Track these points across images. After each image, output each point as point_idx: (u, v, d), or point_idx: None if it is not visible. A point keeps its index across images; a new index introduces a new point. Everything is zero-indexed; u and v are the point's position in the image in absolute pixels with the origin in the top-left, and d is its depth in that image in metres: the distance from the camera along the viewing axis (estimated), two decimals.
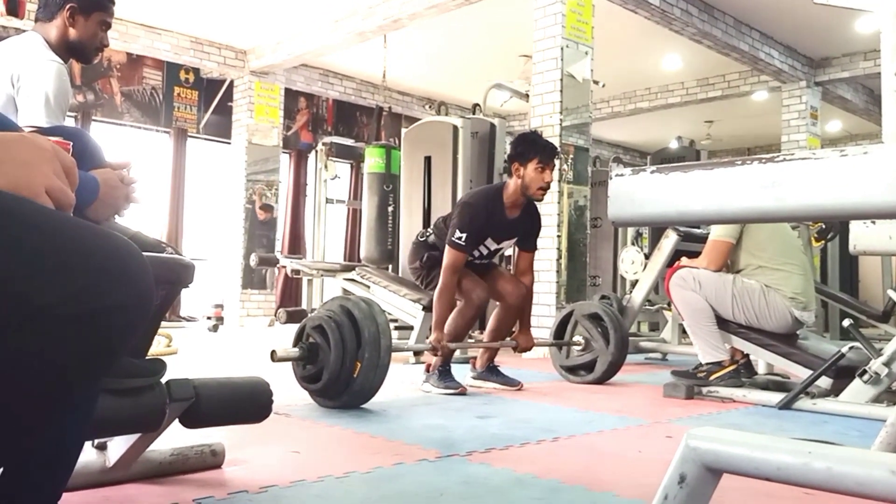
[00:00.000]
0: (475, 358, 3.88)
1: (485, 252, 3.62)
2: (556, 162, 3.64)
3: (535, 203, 3.63)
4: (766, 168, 0.88)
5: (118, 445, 1.60)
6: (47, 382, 0.62)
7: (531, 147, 3.47)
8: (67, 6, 2.17)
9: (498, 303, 3.76)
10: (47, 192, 0.68)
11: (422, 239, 3.85)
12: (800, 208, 0.87)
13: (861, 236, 1.82)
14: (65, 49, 2.22)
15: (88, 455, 1.62)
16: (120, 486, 1.66)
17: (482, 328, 4.12)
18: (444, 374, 3.48)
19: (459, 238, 3.40)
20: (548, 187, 3.50)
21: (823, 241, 6.51)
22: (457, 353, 3.82)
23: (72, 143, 0.91)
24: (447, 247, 3.44)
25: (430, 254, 3.73)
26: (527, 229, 3.67)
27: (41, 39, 2.17)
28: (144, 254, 0.71)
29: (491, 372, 3.74)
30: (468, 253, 3.48)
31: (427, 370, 3.57)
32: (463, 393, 3.43)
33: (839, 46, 8.53)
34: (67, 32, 2.19)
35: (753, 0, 7.24)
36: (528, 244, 3.73)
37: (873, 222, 1.75)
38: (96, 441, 1.64)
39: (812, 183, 0.84)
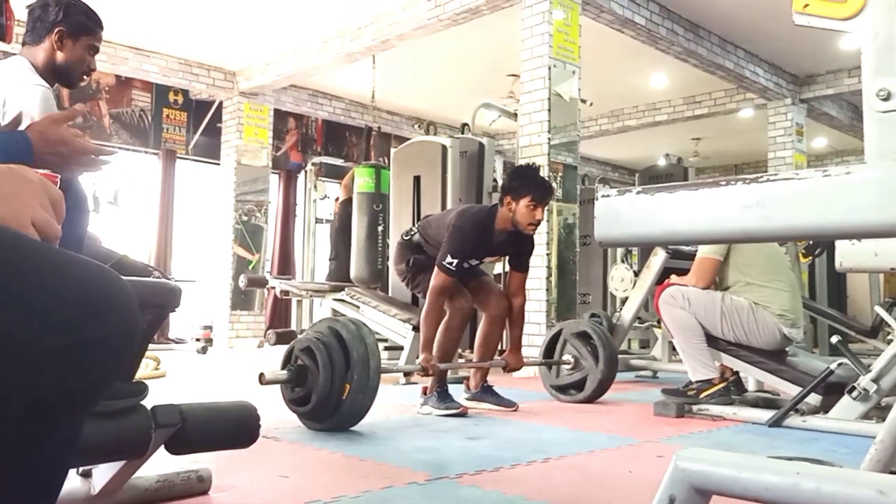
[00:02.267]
0: (468, 378, 3.86)
1: (465, 266, 3.58)
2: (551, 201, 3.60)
3: None
4: (751, 188, 0.89)
5: (103, 473, 1.57)
6: (30, 417, 0.61)
7: (526, 184, 3.40)
8: (56, 30, 2.15)
9: (482, 314, 3.75)
10: (33, 224, 0.68)
11: (406, 238, 3.81)
12: (785, 228, 0.88)
13: (847, 254, 1.83)
14: (52, 73, 2.21)
15: (73, 483, 1.60)
16: None
17: (471, 346, 4.09)
18: (442, 395, 3.44)
19: (450, 263, 3.37)
20: (538, 224, 3.47)
21: (811, 258, 6.55)
22: (449, 374, 3.79)
23: (59, 177, 0.91)
24: (436, 269, 3.42)
25: (415, 257, 3.71)
26: (517, 250, 3.66)
27: (27, 63, 2.16)
28: (130, 279, 0.71)
29: (486, 392, 3.71)
30: (457, 277, 3.46)
31: (424, 392, 3.54)
32: (464, 413, 3.38)
33: (823, 64, 8.64)
34: (55, 56, 2.17)
35: (738, 19, 7.33)
36: (520, 265, 3.69)
37: (859, 240, 1.76)
38: (81, 468, 1.62)
39: (796, 203, 0.85)
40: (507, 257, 3.73)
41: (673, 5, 7.01)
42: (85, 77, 2.28)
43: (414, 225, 3.92)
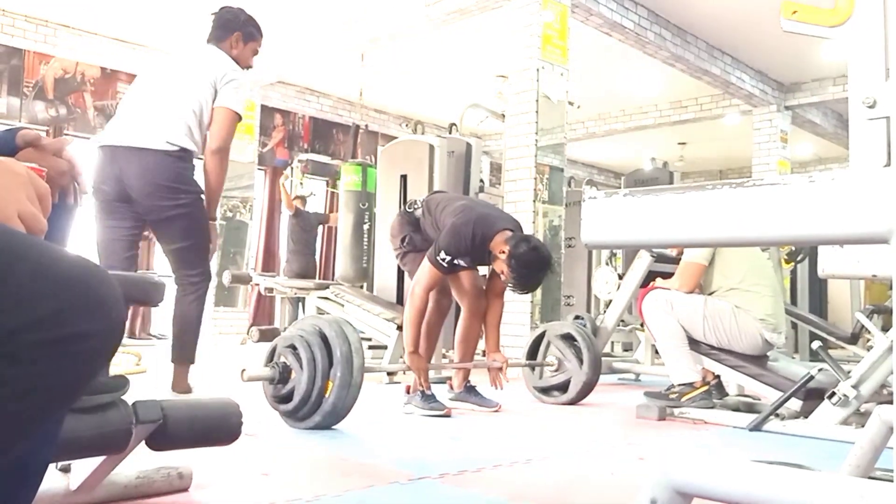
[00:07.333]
0: (451, 378, 3.86)
1: (455, 263, 3.55)
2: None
3: None
4: (737, 193, 0.89)
5: (83, 468, 1.56)
6: (11, 410, 0.60)
7: (523, 274, 3.25)
8: (234, 34, 3.32)
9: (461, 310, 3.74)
10: (19, 216, 0.68)
11: (409, 210, 3.74)
12: (769, 234, 0.88)
13: (829, 260, 1.84)
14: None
15: (52, 478, 1.58)
16: None
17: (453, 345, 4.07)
18: (426, 395, 3.42)
19: (443, 260, 3.33)
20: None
21: (793, 263, 6.60)
22: (431, 373, 3.78)
23: (45, 170, 0.90)
24: (427, 261, 3.39)
25: (411, 236, 3.68)
26: None
27: (225, 55, 3.25)
28: (113, 272, 0.70)
29: (469, 392, 3.70)
30: (446, 274, 3.45)
31: (407, 391, 3.52)
32: (448, 415, 3.34)
33: (808, 72, 8.71)
34: (232, 52, 3.29)
35: (725, 25, 7.38)
36: None
37: (841, 246, 1.78)
38: (60, 463, 1.60)
39: (781, 209, 0.85)
40: None
41: (661, 10, 7.05)
42: (248, 68, 3.39)
43: (418, 200, 3.83)
